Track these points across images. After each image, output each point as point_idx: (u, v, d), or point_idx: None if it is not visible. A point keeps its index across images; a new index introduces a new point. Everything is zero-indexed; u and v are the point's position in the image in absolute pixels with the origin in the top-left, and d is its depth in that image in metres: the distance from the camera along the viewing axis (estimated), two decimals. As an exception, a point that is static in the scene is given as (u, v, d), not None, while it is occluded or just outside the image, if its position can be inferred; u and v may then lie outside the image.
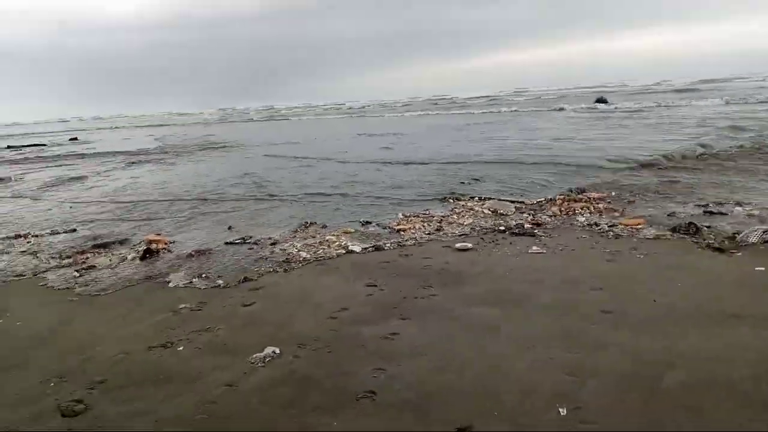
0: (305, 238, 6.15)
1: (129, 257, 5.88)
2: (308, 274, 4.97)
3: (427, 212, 7.08)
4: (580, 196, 7.39)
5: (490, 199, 7.62)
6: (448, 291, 4.28)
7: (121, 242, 6.67)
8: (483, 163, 11.28)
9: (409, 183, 9.56)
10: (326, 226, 6.70)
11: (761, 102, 23.65)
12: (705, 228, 5.45)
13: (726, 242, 5.01)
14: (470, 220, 6.54)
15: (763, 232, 4.98)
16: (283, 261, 5.33)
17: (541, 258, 5.01)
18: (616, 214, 6.43)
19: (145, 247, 5.98)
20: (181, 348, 3.57)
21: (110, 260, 5.84)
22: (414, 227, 6.32)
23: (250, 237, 6.38)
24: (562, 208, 6.78)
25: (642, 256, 4.82)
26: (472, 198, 7.78)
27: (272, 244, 6.03)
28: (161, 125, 49.44)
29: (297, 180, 10.88)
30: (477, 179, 9.41)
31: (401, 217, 6.92)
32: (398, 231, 6.22)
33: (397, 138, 19.60)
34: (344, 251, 5.55)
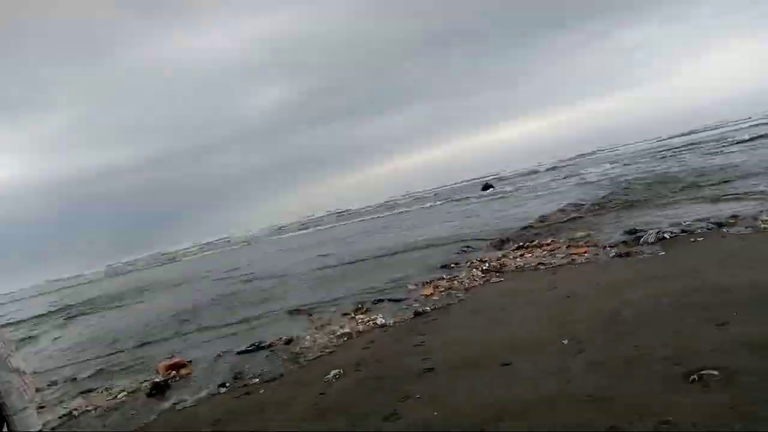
0: (322, 326, 6.85)
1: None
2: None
3: (447, 276, 8.25)
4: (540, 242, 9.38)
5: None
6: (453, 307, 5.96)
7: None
8: (441, 245, 12.71)
9: (388, 265, 10.71)
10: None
11: (624, 164, 27.77)
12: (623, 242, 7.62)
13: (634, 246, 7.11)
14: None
15: (656, 232, 7.15)
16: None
17: (502, 283, 7.07)
18: (561, 247, 8.43)
19: (154, 381, 5.98)
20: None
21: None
22: (438, 287, 7.46)
23: (261, 342, 6.65)
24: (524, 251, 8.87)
25: (577, 266, 6.70)
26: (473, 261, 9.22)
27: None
28: (49, 292, 36.83)
29: (276, 291, 11.16)
30: (464, 250, 10.89)
31: (412, 286, 8.08)
32: (425, 296, 7.22)
33: (324, 247, 19.89)
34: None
